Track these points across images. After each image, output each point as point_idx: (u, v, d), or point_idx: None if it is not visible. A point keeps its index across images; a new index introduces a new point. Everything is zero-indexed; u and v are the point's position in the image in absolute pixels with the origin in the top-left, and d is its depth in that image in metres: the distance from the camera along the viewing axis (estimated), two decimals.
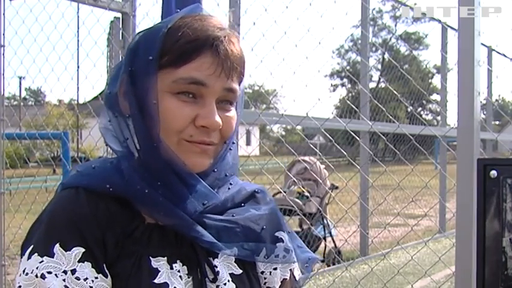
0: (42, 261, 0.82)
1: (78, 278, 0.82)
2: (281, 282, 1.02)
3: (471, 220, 1.82)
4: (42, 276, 0.82)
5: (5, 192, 3.51)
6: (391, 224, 7.08)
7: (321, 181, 6.37)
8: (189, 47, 0.87)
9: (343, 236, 6.04)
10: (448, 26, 8.00)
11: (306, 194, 6.48)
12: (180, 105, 0.87)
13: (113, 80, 0.94)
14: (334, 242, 6.65)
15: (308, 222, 5.17)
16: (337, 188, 6.74)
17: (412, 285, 3.18)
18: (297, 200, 6.45)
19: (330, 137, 3.86)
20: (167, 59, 0.87)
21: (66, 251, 0.83)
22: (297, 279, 1.05)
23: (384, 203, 5.60)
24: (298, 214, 4.47)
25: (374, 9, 34.41)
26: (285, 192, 5.95)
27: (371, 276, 4.57)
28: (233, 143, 0.98)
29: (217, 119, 0.88)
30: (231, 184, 1.00)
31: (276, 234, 1.02)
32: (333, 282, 3.83)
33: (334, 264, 6.00)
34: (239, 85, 0.92)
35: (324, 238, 6.67)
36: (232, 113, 0.92)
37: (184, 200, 0.90)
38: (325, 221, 6.65)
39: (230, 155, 0.98)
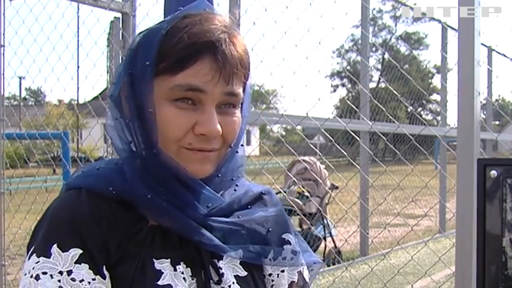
0: (39, 261, 0.82)
1: (73, 279, 0.81)
2: (289, 285, 1.01)
3: (471, 220, 1.82)
4: (37, 277, 0.81)
5: (5, 192, 3.51)
6: (391, 224, 7.08)
7: (321, 181, 6.37)
8: (185, 53, 0.84)
9: (343, 236, 6.03)
10: (448, 26, 8.00)
11: (306, 194, 6.48)
12: (178, 112, 0.85)
13: (117, 80, 0.92)
14: (334, 242, 6.65)
15: (308, 222, 5.16)
16: (337, 188, 6.73)
17: (412, 285, 3.17)
18: (297, 200, 6.45)
19: (330, 137, 3.85)
20: (164, 66, 0.85)
21: (63, 252, 0.82)
22: (307, 280, 1.03)
23: (384, 203, 5.60)
24: (298, 214, 4.47)
25: (374, 9, 34.46)
26: (285, 192, 5.94)
27: (371, 276, 4.56)
28: (241, 145, 0.95)
29: (217, 126, 0.85)
30: (237, 185, 0.98)
31: (283, 236, 1.01)
32: (333, 282, 3.83)
33: (334, 264, 6.00)
34: (243, 86, 0.89)
35: (324, 238, 6.67)
36: (236, 116, 0.89)
37: (188, 204, 0.89)
38: (325, 221, 6.65)
39: (237, 157, 0.95)
